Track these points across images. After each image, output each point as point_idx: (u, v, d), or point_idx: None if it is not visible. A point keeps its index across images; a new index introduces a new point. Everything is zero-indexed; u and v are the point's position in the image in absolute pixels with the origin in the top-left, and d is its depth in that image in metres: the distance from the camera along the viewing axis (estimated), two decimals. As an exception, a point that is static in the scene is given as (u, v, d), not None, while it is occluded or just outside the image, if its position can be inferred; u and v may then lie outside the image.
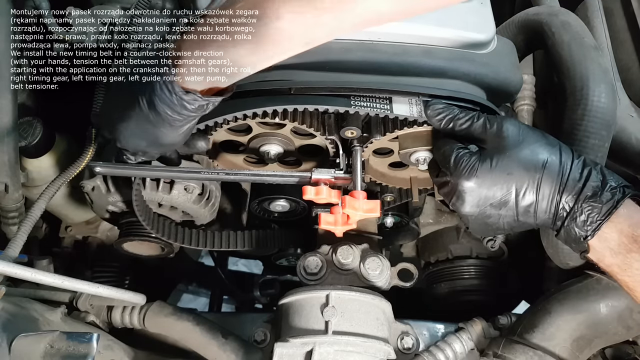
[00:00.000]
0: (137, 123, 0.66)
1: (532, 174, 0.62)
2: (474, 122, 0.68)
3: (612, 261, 0.60)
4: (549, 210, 0.62)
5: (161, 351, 0.87)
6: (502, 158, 0.63)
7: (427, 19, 0.74)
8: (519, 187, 0.62)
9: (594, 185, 0.61)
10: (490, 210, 0.65)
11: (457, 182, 0.65)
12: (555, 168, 0.62)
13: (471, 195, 0.64)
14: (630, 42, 1.02)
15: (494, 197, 0.63)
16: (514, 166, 0.62)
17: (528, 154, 0.63)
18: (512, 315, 0.86)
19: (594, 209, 0.60)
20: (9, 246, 0.70)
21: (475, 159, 0.65)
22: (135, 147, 0.71)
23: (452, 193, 0.66)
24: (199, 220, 0.98)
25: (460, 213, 0.67)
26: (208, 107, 0.64)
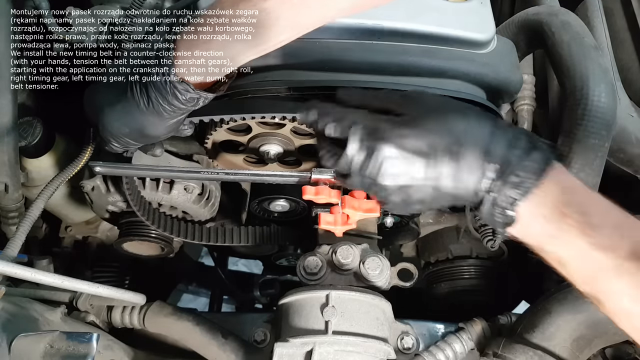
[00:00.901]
0: (125, 108, 0.66)
1: (454, 142, 0.56)
2: (385, 95, 0.62)
3: (543, 230, 0.54)
4: (474, 175, 0.55)
5: (161, 351, 0.87)
6: (423, 118, 0.57)
7: (427, 19, 0.74)
8: (439, 153, 0.56)
9: (523, 143, 0.55)
10: (411, 181, 0.57)
11: (376, 140, 0.57)
12: (476, 135, 0.56)
13: (393, 166, 0.56)
14: (630, 42, 1.02)
15: (415, 166, 0.56)
16: (436, 127, 0.57)
17: (449, 121, 0.57)
18: (512, 315, 0.86)
19: (525, 167, 0.54)
20: (8, 246, 0.70)
21: (387, 124, 0.58)
22: (117, 133, 0.69)
23: (372, 157, 0.57)
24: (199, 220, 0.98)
25: (379, 183, 0.58)
26: (199, 102, 0.64)
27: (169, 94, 0.62)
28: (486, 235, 1.00)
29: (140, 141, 0.72)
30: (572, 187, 0.55)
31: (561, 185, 0.55)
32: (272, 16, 0.57)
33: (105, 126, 0.69)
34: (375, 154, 0.57)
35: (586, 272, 0.53)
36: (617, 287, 0.51)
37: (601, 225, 0.52)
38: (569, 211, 0.53)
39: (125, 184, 0.82)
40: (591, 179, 0.81)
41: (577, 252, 0.52)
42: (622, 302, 0.51)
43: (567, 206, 0.53)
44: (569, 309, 0.76)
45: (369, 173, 0.58)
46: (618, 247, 0.50)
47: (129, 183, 0.83)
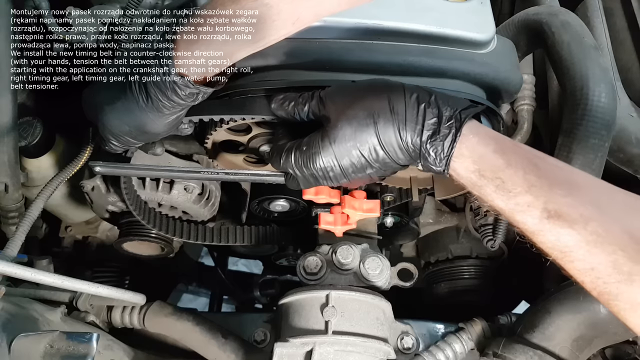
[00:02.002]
0: (125, 105, 0.66)
1: (368, 133, 0.61)
2: (309, 102, 0.66)
3: (472, 192, 0.60)
4: (403, 155, 0.62)
5: (161, 351, 0.87)
6: (335, 131, 0.62)
7: (427, 19, 0.74)
8: (363, 149, 0.62)
9: (431, 122, 0.60)
10: (357, 174, 0.64)
11: (308, 170, 0.65)
12: (388, 118, 0.61)
13: (333, 172, 0.64)
14: (630, 42, 1.02)
15: (351, 165, 0.63)
16: (349, 134, 0.61)
17: (357, 115, 0.62)
18: (512, 315, 0.86)
19: (437, 147, 0.59)
20: (8, 246, 0.70)
21: (314, 141, 0.64)
22: (117, 131, 0.69)
23: (316, 179, 0.66)
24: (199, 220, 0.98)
25: (337, 184, 0.67)
26: (198, 97, 0.64)
27: (168, 89, 0.62)
28: (486, 235, 1.00)
29: (140, 139, 0.71)
30: (483, 156, 0.59)
31: (471, 157, 0.59)
32: (273, 10, 0.57)
33: (105, 125, 0.69)
34: (315, 175, 0.65)
35: (514, 224, 0.58)
36: (539, 240, 0.56)
37: (514, 189, 0.56)
38: (483, 182, 0.58)
39: (123, 184, 0.82)
40: (591, 179, 0.81)
41: (501, 211, 0.58)
42: (547, 250, 0.56)
43: (480, 177, 0.58)
44: (569, 309, 0.76)
45: (321, 184, 0.67)
46: (533, 208, 0.55)
47: (126, 183, 0.83)
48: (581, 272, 0.53)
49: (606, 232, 0.52)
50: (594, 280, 0.52)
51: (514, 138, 1.03)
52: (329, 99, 0.65)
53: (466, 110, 0.61)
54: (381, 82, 0.66)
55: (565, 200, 0.54)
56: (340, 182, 0.66)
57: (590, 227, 0.52)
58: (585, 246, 0.52)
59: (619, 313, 0.52)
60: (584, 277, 0.53)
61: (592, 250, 0.52)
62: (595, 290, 0.53)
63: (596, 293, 0.53)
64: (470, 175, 0.59)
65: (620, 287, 0.51)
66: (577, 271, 0.54)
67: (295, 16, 0.59)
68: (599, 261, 0.52)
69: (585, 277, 0.53)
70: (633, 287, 0.50)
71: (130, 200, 0.84)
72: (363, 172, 0.64)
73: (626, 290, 0.50)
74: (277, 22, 0.59)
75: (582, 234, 0.52)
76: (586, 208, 0.54)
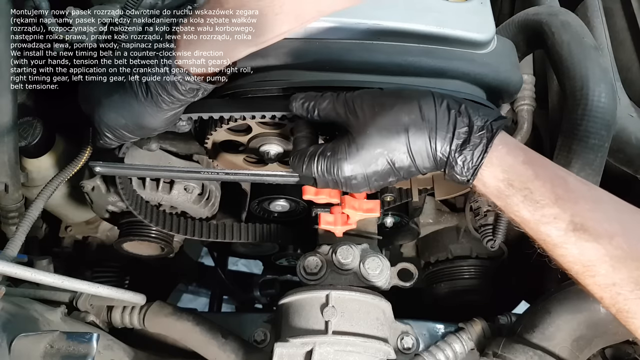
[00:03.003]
0: (123, 98, 0.65)
1: (398, 141, 0.61)
2: (334, 104, 0.65)
3: (495, 202, 0.60)
4: (430, 163, 0.62)
5: (161, 351, 0.87)
6: (364, 137, 0.62)
7: (427, 19, 0.74)
8: (391, 157, 0.61)
9: (462, 131, 0.60)
10: (379, 182, 0.64)
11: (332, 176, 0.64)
12: (419, 126, 0.60)
13: (356, 179, 0.63)
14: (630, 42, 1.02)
15: (375, 172, 0.62)
16: (377, 141, 0.61)
17: (388, 123, 0.61)
18: (512, 315, 0.86)
19: (466, 156, 0.59)
20: (8, 246, 0.70)
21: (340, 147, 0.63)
22: (113, 124, 0.68)
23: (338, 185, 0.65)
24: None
25: (356, 193, 0.68)
26: (198, 93, 0.64)
27: (169, 84, 0.62)
28: (486, 235, 1.00)
29: (136, 133, 0.71)
30: (513, 166, 0.59)
31: (500, 167, 0.59)
32: (276, 4, 0.57)
33: (102, 117, 0.68)
34: (339, 181, 0.64)
35: (535, 237, 0.58)
36: (562, 253, 0.56)
37: (542, 201, 0.56)
38: (511, 191, 0.58)
39: (119, 183, 0.82)
40: (591, 179, 0.81)
41: (525, 223, 0.58)
42: (568, 264, 0.56)
43: (509, 186, 0.58)
44: (569, 309, 0.76)
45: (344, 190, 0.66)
46: (559, 220, 0.55)
47: (122, 182, 0.83)
48: (602, 287, 0.53)
49: (630, 248, 0.52)
50: (614, 296, 0.52)
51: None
52: (357, 103, 0.64)
53: (497, 122, 0.61)
54: (410, 88, 0.65)
55: (591, 214, 0.55)
56: (361, 190, 0.65)
57: (615, 242, 0.53)
58: (608, 261, 0.52)
59: (637, 331, 0.52)
60: (604, 293, 0.53)
61: (615, 265, 0.52)
62: (614, 307, 0.53)
63: (615, 310, 0.53)
64: (498, 184, 0.58)
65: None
66: (598, 286, 0.54)
67: (297, 12, 0.59)
68: (621, 277, 0.52)
69: (605, 293, 0.53)
70: None
71: (126, 196, 0.84)
72: (385, 180, 0.64)
73: None
74: (279, 17, 0.58)
75: (606, 248, 0.53)
76: (611, 224, 0.54)
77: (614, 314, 0.53)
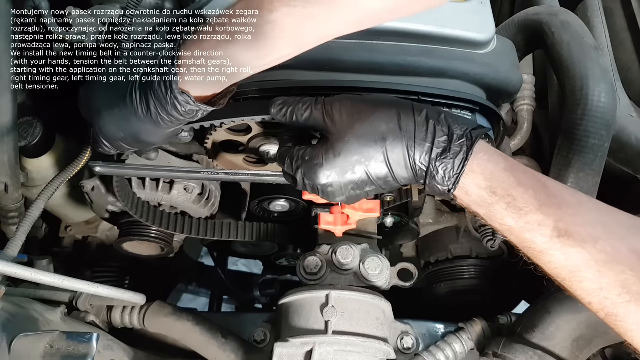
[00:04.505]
0: (123, 113, 0.65)
1: (375, 149, 0.60)
2: (313, 109, 0.65)
3: (477, 210, 0.59)
4: (408, 173, 0.61)
5: (161, 351, 0.87)
6: (341, 144, 0.61)
7: (427, 19, 0.74)
8: (368, 165, 0.61)
9: (442, 140, 0.59)
10: (356, 191, 0.63)
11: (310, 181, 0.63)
12: (397, 135, 0.60)
13: (332, 187, 0.63)
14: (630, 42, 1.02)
15: (352, 181, 0.62)
16: (355, 148, 0.61)
17: (365, 131, 0.61)
18: (512, 315, 0.86)
19: (447, 165, 0.59)
20: (8, 246, 0.70)
21: (318, 152, 0.63)
22: (112, 136, 0.68)
23: (315, 191, 0.65)
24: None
25: (332, 201, 0.66)
26: (197, 114, 0.64)
27: (169, 104, 0.61)
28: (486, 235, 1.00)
29: (134, 146, 0.71)
30: (494, 174, 0.58)
31: (483, 175, 0.58)
32: (277, 29, 0.57)
33: (101, 128, 0.68)
34: (317, 188, 0.63)
35: (520, 245, 0.58)
36: (547, 260, 0.55)
37: (525, 208, 0.56)
38: (494, 199, 0.57)
39: (115, 183, 0.82)
40: (591, 179, 0.81)
41: (509, 231, 0.58)
42: (554, 271, 0.56)
43: (491, 194, 0.57)
44: (569, 309, 0.76)
45: (322, 197, 0.65)
46: (544, 227, 0.55)
47: (118, 182, 0.83)
48: (589, 292, 0.53)
49: (615, 251, 0.52)
50: (602, 300, 0.52)
51: (513, 138, 1.03)
52: (335, 109, 0.63)
53: (476, 130, 0.60)
54: (390, 98, 0.65)
55: (574, 219, 0.55)
56: (337, 198, 0.64)
57: (600, 246, 0.52)
58: (594, 265, 0.52)
59: (627, 334, 0.52)
60: (592, 298, 0.53)
61: (601, 270, 0.52)
62: (602, 312, 0.53)
63: (603, 314, 0.53)
64: (481, 192, 0.58)
65: (629, 308, 0.51)
66: (585, 292, 0.54)
67: (299, 36, 0.59)
68: (607, 281, 0.52)
69: (593, 298, 0.53)
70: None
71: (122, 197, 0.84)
72: (362, 190, 0.63)
73: (635, 310, 0.51)
74: (279, 41, 0.58)
75: (591, 253, 0.52)
76: (594, 227, 0.54)
77: (603, 319, 0.53)
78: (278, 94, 0.70)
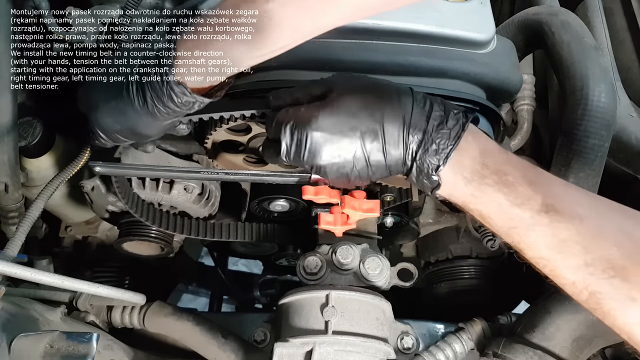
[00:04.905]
0: (119, 105, 0.65)
1: (371, 120, 0.60)
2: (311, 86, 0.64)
3: (465, 191, 0.59)
4: (399, 148, 0.60)
5: (161, 351, 0.87)
6: (340, 100, 0.60)
7: (427, 19, 0.74)
8: (363, 133, 0.60)
9: (438, 114, 0.60)
10: (341, 159, 0.61)
11: (298, 131, 0.61)
12: (395, 108, 0.60)
13: (319, 142, 0.60)
14: (630, 42, 1.02)
15: (341, 146, 0.60)
16: (353, 112, 0.60)
17: (365, 101, 0.61)
18: (512, 315, 0.86)
19: (443, 135, 0.59)
20: (8, 246, 0.70)
21: (313, 106, 0.62)
22: (108, 128, 0.69)
23: (299, 146, 0.62)
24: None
25: (316, 165, 0.62)
26: (194, 106, 0.64)
27: (165, 95, 0.62)
28: (486, 235, 1.00)
29: (131, 139, 0.71)
30: (487, 149, 0.59)
31: (478, 148, 0.59)
32: (274, 19, 0.57)
33: (98, 121, 0.69)
34: (305, 141, 0.61)
35: (506, 225, 0.57)
36: (534, 237, 0.55)
37: (516, 182, 0.56)
38: (487, 172, 0.58)
39: (115, 182, 0.82)
40: (591, 179, 0.81)
41: (497, 207, 0.57)
42: (539, 251, 0.55)
43: (484, 167, 0.58)
44: (569, 309, 0.76)
45: (306, 159, 0.62)
46: (532, 201, 0.55)
47: (118, 182, 0.83)
48: (574, 269, 0.53)
49: (601, 228, 0.53)
50: (586, 277, 0.52)
51: (514, 138, 1.03)
52: (336, 80, 0.64)
53: (470, 112, 0.62)
54: (392, 83, 0.65)
55: (563, 197, 0.56)
56: (320, 159, 0.61)
57: (587, 222, 0.53)
58: (580, 241, 0.52)
59: (609, 313, 0.51)
60: (576, 276, 0.53)
61: (587, 245, 0.52)
62: (586, 290, 0.52)
63: (587, 293, 0.52)
64: (475, 165, 0.58)
65: (613, 283, 0.50)
66: (569, 269, 0.53)
67: (296, 26, 0.59)
68: (592, 256, 0.52)
69: (577, 276, 0.53)
70: (626, 284, 0.50)
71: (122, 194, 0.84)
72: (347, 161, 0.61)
73: (619, 285, 0.50)
74: (278, 31, 0.58)
75: (578, 228, 0.53)
76: (582, 207, 0.55)
77: (586, 300, 0.53)
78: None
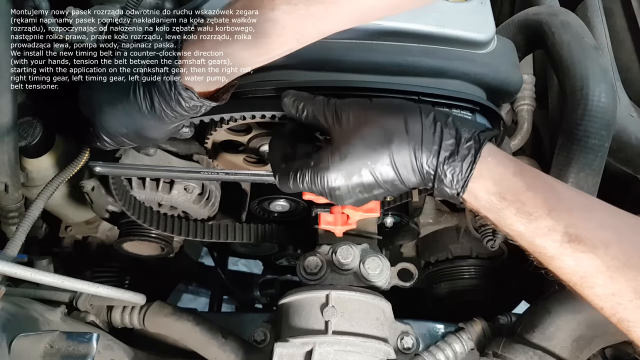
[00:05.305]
0: (126, 109, 0.65)
1: (380, 152, 0.60)
2: (325, 108, 0.64)
3: (488, 216, 0.59)
4: (416, 177, 0.60)
5: (161, 351, 0.87)
6: (347, 147, 0.61)
7: (427, 19, 0.74)
8: (374, 168, 0.60)
9: (449, 143, 0.59)
10: (364, 194, 0.63)
11: (316, 185, 0.63)
12: (403, 137, 0.59)
13: (339, 191, 0.62)
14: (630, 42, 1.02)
15: (359, 184, 0.61)
16: (361, 152, 0.60)
17: (372, 134, 0.60)
18: (512, 315, 0.86)
19: (455, 168, 0.58)
20: (8, 246, 0.70)
21: (323, 156, 0.62)
22: (114, 131, 0.68)
23: (325, 195, 0.64)
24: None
25: (342, 205, 0.66)
26: (201, 109, 0.64)
27: (173, 100, 0.62)
28: (486, 235, 1.00)
29: (136, 142, 0.72)
30: (502, 177, 0.58)
31: (491, 179, 0.58)
32: (278, 26, 0.57)
33: (103, 124, 0.69)
34: (326, 193, 0.63)
35: (530, 250, 0.58)
36: (558, 264, 0.55)
37: (535, 213, 0.55)
38: (504, 204, 0.57)
39: (112, 184, 0.82)
40: (591, 179, 0.81)
41: (518, 236, 0.57)
42: (564, 276, 0.56)
43: (501, 200, 0.57)
44: (569, 309, 0.76)
45: (323, 194, 0.64)
46: (554, 233, 0.54)
47: (115, 183, 0.83)
48: (601, 297, 0.53)
49: (626, 256, 0.52)
50: (614, 306, 0.52)
51: (514, 138, 1.03)
52: (344, 112, 0.63)
53: (484, 133, 0.60)
54: (398, 102, 0.64)
55: (585, 224, 0.54)
56: (346, 201, 0.64)
57: (611, 252, 0.52)
58: (606, 271, 0.52)
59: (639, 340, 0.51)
60: (604, 303, 0.53)
61: (612, 275, 0.51)
62: (615, 317, 0.52)
63: (616, 319, 0.52)
64: (490, 197, 0.57)
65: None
66: (597, 297, 0.53)
67: (300, 33, 0.59)
68: (619, 287, 0.51)
69: (605, 303, 0.53)
70: None
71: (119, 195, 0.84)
72: (370, 193, 0.63)
73: None
74: (281, 38, 0.59)
75: (603, 259, 0.52)
76: (605, 232, 0.54)
77: (615, 324, 0.53)
78: (279, 93, 0.70)
